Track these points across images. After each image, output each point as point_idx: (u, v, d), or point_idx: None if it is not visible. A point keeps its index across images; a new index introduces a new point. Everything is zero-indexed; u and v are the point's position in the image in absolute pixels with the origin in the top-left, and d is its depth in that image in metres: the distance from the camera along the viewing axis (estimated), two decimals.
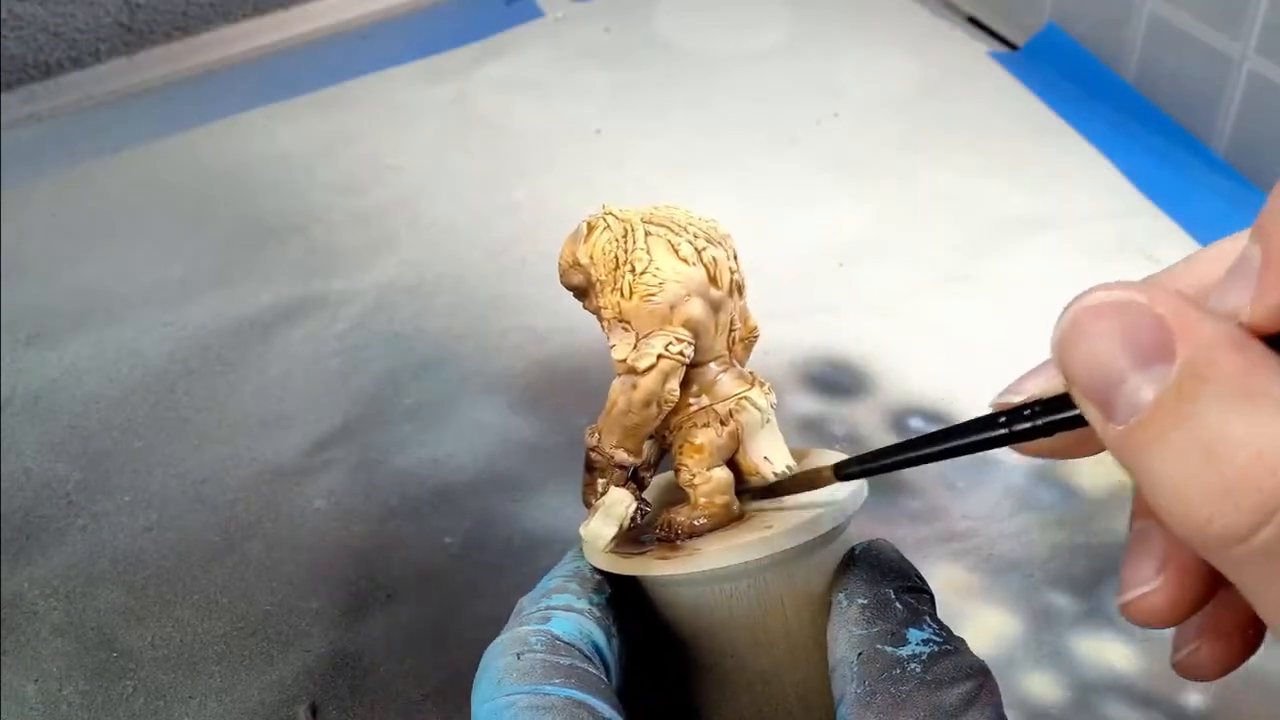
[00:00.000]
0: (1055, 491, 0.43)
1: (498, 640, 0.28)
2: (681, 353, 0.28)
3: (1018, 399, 0.22)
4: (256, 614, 0.41)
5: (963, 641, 0.28)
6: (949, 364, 0.49)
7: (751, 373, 0.30)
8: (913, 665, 0.26)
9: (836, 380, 0.49)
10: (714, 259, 0.29)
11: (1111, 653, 0.37)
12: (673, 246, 0.29)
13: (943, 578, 0.40)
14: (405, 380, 0.50)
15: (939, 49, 0.71)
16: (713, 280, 0.29)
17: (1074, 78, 0.67)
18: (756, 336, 0.32)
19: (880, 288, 0.53)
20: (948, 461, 0.44)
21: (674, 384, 0.29)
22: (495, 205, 0.61)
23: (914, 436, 0.25)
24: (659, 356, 0.28)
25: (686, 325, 0.28)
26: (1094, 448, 0.23)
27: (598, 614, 0.29)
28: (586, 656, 0.27)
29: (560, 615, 0.28)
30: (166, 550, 0.43)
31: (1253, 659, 0.23)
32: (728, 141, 0.64)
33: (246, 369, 0.51)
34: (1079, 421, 0.20)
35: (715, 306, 0.29)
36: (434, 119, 0.68)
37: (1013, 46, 0.72)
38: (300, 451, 0.47)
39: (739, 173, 0.62)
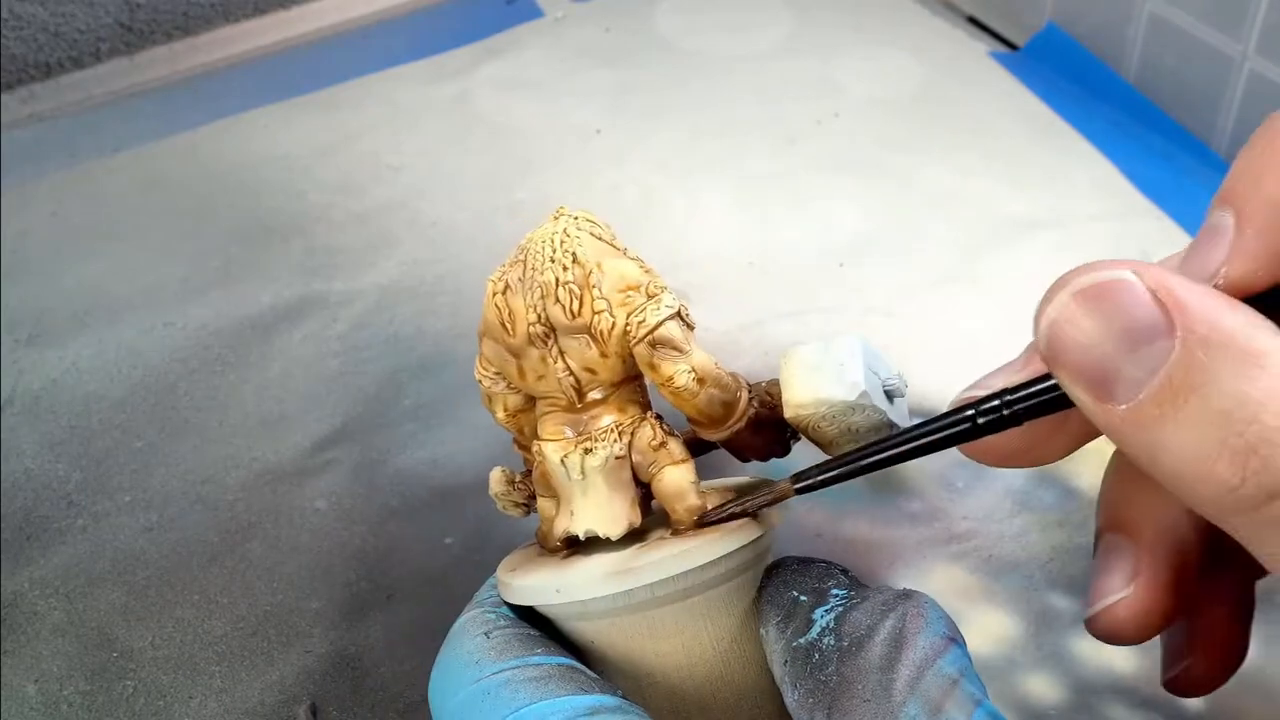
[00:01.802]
0: (1055, 492, 0.43)
1: (454, 628, 0.27)
2: (480, 380, 0.29)
3: (984, 393, 0.22)
4: (257, 614, 0.41)
5: (876, 588, 0.26)
6: (949, 364, 0.49)
7: (611, 426, 0.27)
8: (825, 640, 0.25)
9: None
10: (502, 306, 0.27)
11: (1111, 653, 0.37)
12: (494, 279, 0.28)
13: (943, 579, 0.40)
14: (405, 380, 0.50)
15: (939, 49, 0.71)
16: (501, 325, 0.27)
17: (1074, 78, 0.67)
18: (675, 389, 0.27)
19: (880, 288, 0.53)
20: (949, 462, 0.44)
21: (495, 405, 0.29)
22: (496, 205, 0.61)
23: (873, 441, 0.24)
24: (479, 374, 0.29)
25: (483, 357, 0.29)
26: (1056, 448, 0.23)
27: None
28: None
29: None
30: (167, 550, 0.43)
31: (1253, 660, 0.23)
32: (728, 141, 0.64)
33: (247, 369, 0.51)
34: (1050, 407, 0.20)
35: (512, 352, 0.27)
36: (434, 119, 0.68)
37: (1013, 46, 0.72)
38: (301, 451, 0.47)
39: (739, 173, 0.62)
